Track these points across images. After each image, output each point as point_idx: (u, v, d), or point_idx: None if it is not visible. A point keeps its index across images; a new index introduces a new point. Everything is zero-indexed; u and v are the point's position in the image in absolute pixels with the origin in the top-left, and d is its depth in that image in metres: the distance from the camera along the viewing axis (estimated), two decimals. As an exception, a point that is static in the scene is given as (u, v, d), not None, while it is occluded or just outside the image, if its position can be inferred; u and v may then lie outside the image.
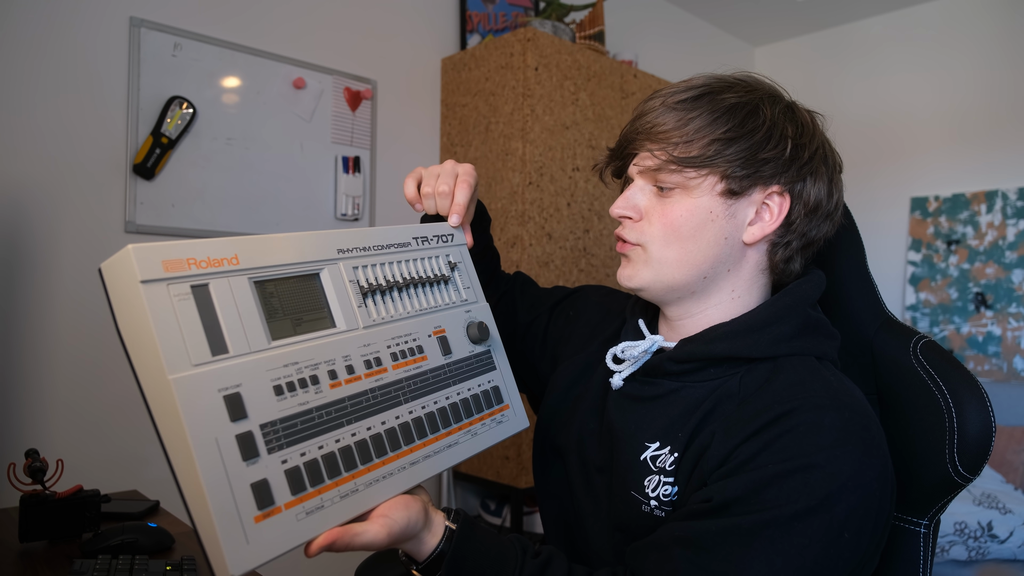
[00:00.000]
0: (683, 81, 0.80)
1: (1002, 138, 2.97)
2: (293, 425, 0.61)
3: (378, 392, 0.69)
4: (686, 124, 0.74)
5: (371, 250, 0.75)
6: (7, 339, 1.56)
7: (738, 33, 3.58)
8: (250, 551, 0.55)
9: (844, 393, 0.70)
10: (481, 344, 0.83)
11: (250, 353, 0.61)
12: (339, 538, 0.60)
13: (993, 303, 2.94)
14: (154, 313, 0.56)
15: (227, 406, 0.57)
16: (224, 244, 0.62)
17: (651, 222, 0.77)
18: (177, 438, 0.56)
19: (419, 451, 0.71)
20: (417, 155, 2.34)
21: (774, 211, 0.76)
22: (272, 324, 0.64)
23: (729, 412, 0.73)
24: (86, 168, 1.67)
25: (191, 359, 0.57)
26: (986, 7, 3.04)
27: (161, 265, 0.57)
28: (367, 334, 0.71)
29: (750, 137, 0.74)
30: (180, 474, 0.57)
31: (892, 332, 0.86)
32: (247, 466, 0.57)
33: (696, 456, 0.72)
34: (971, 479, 0.76)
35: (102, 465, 1.66)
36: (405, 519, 0.65)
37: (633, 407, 0.81)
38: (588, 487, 0.85)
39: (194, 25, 1.84)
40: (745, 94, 0.76)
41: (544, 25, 2.22)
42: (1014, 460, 2.48)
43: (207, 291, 0.60)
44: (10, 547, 1.05)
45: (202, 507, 0.55)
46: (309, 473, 0.60)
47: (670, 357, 0.78)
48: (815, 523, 0.63)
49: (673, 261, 0.76)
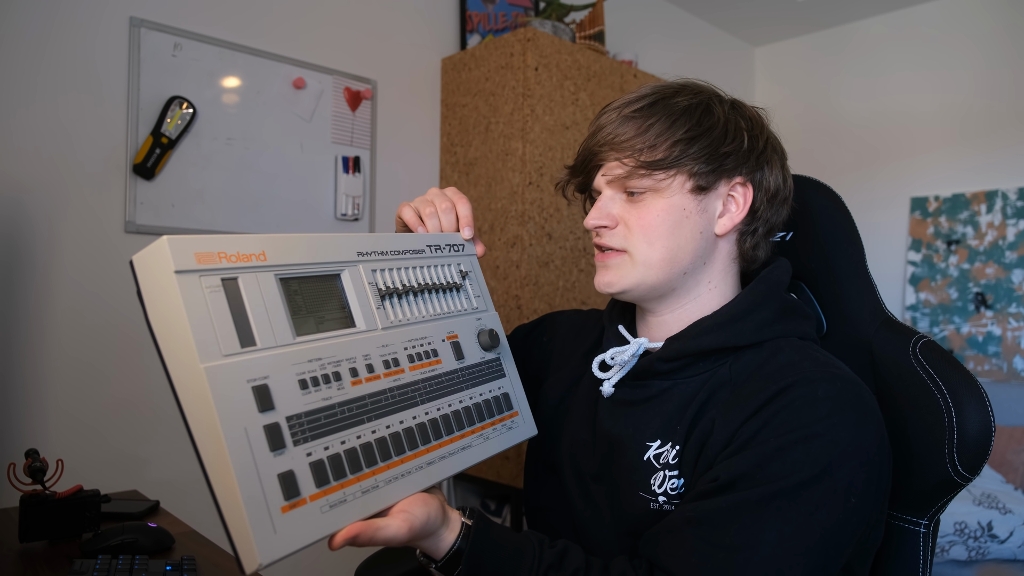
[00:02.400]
0: (630, 93, 0.83)
1: (1002, 138, 2.97)
2: (317, 419, 0.62)
3: (396, 392, 0.70)
4: (646, 130, 0.77)
5: (388, 254, 0.77)
6: (7, 339, 1.56)
7: (738, 33, 3.58)
8: (278, 540, 0.56)
9: (833, 366, 0.74)
10: (491, 351, 0.85)
11: (276, 347, 0.62)
12: (363, 531, 0.61)
13: (993, 303, 2.94)
14: (187, 302, 0.57)
15: (256, 397, 0.58)
16: (253, 240, 0.64)
17: (629, 227, 0.80)
18: (208, 427, 0.57)
19: (435, 452, 0.72)
20: (417, 155, 2.34)
21: (739, 201, 0.80)
22: (296, 320, 0.65)
23: (724, 398, 0.75)
24: (86, 168, 1.67)
25: (222, 349, 0.58)
26: (986, 7, 3.04)
27: (194, 257, 0.59)
28: (385, 335, 0.72)
29: (709, 134, 0.78)
30: (209, 464, 0.57)
31: (891, 332, 0.86)
32: (274, 456, 0.58)
33: (699, 444, 0.74)
34: (970, 479, 0.76)
35: (102, 465, 1.66)
36: (425, 515, 0.66)
37: (627, 411, 0.82)
38: (586, 498, 0.85)
39: (194, 25, 1.84)
40: (694, 96, 0.80)
41: (544, 25, 2.22)
42: (1014, 460, 2.48)
43: (236, 285, 0.62)
44: (10, 547, 1.05)
45: (232, 496, 0.56)
46: (332, 467, 0.61)
47: (660, 357, 0.80)
48: (820, 490, 0.65)
49: (658, 261, 0.79)
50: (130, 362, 1.72)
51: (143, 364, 1.74)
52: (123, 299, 1.71)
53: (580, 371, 0.94)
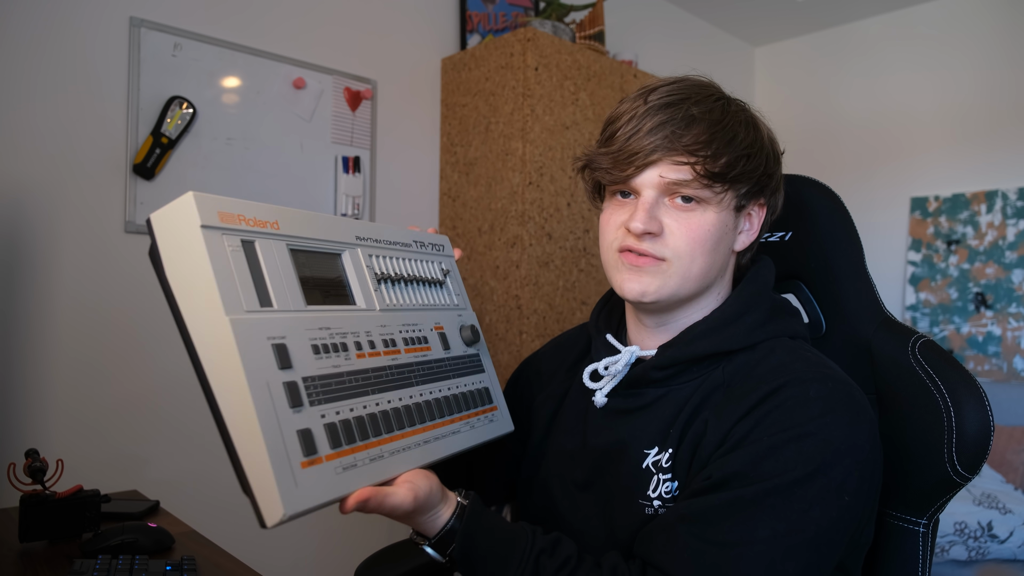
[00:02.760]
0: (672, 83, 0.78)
1: (1002, 138, 2.97)
2: (328, 384, 0.64)
3: (394, 371, 0.73)
4: (712, 139, 0.74)
5: (383, 243, 0.80)
6: (7, 339, 1.56)
7: (738, 33, 3.58)
8: (299, 494, 0.57)
9: (824, 366, 0.74)
10: (473, 346, 0.87)
11: (291, 311, 0.64)
12: (373, 496, 0.62)
13: (993, 303, 2.94)
14: (213, 256, 0.59)
15: (276, 354, 0.60)
16: (269, 209, 0.66)
17: (675, 236, 0.75)
18: (232, 380, 0.57)
19: (430, 431, 0.74)
20: (417, 155, 2.34)
21: (754, 221, 0.80)
22: (306, 290, 0.67)
23: (718, 400, 0.75)
24: (86, 168, 1.67)
25: (244, 305, 0.60)
26: (986, 7, 3.04)
27: (217, 215, 0.61)
28: (383, 316, 0.75)
29: (761, 153, 0.77)
30: (231, 418, 0.58)
31: (891, 332, 0.86)
32: (294, 413, 0.59)
33: (692, 446, 0.74)
34: (970, 478, 0.76)
35: (102, 465, 1.66)
36: (428, 488, 0.67)
37: (623, 420, 0.81)
38: (575, 509, 0.84)
39: (194, 25, 1.84)
40: (742, 108, 0.79)
41: (544, 25, 2.22)
42: (1014, 460, 2.48)
43: (254, 248, 0.63)
44: (10, 547, 1.05)
45: (256, 449, 0.56)
46: (344, 431, 0.63)
47: (654, 365, 0.79)
48: (814, 488, 0.65)
49: (696, 274, 0.77)
50: (130, 362, 1.72)
51: (143, 364, 1.74)
52: (123, 299, 1.71)
53: (566, 385, 0.94)
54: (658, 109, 0.75)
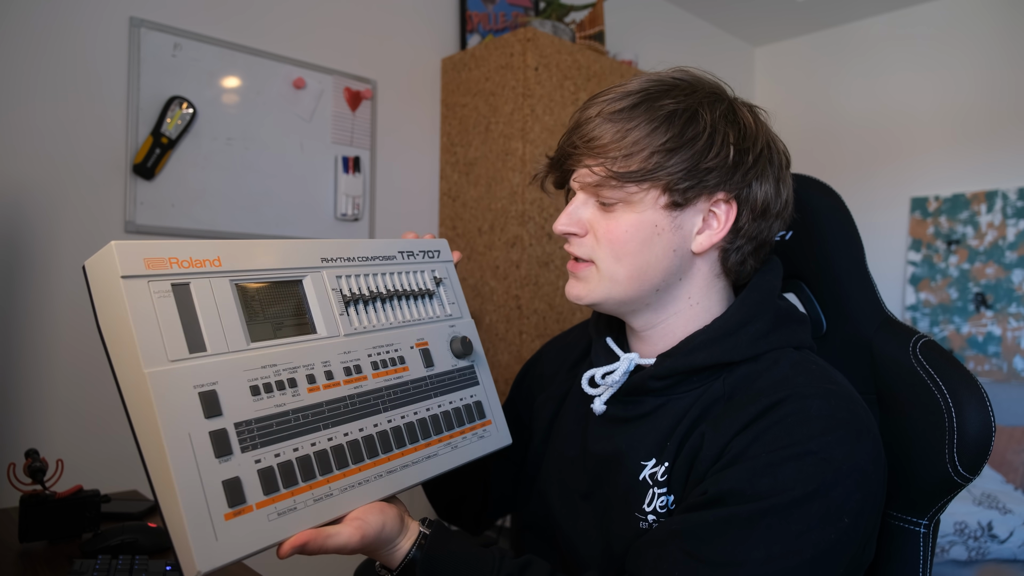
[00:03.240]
0: (620, 86, 0.76)
1: (1002, 138, 2.97)
2: (268, 426, 0.61)
3: (357, 399, 0.69)
4: (624, 136, 0.71)
5: (356, 261, 0.75)
6: (7, 339, 1.56)
7: (738, 33, 3.58)
8: (219, 548, 0.55)
9: (828, 380, 0.71)
10: (464, 359, 0.83)
11: (228, 353, 0.61)
12: (311, 540, 0.60)
13: (993, 303, 2.94)
14: (133, 308, 0.57)
15: (202, 403, 0.58)
16: (207, 246, 0.63)
17: (597, 238, 0.75)
18: (150, 432, 0.56)
19: (396, 460, 0.71)
20: (417, 155, 2.34)
21: (721, 218, 0.74)
22: (252, 326, 0.64)
23: (717, 412, 0.73)
24: (86, 168, 1.67)
25: (168, 355, 0.58)
26: (986, 7, 3.04)
27: (143, 262, 0.58)
28: (348, 342, 0.71)
29: (691, 146, 0.71)
30: (152, 470, 0.57)
31: (891, 332, 0.86)
32: (220, 463, 0.57)
33: (689, 460, 0.72)
34: (971, 479, 0.76)
35: (102, 465, 1.66)
36: (379, 524, 0.64)
37: (620, 428, 0.80)
38: (574, 517, 0.83)
39: (194, 25, 1.84)
40: (684, 98, 0.73)
41: (544, 25, 2.22)
42: (1014, 460, 2.48)
43: (188, 290, 0.61)
44: (10, 547, 1.05)
45: (172, 502, 0.55)
46: (283, 474, 0.61)
47: (653, 375, 0.76)
48: (813, 509, 0.62)
49: (624, 277, 0.75)
50: (130, 362, 1.72)
51: (143, 364, 1.74)
52: (123, 299, 1.71)
53: (567, 386, 0.92)
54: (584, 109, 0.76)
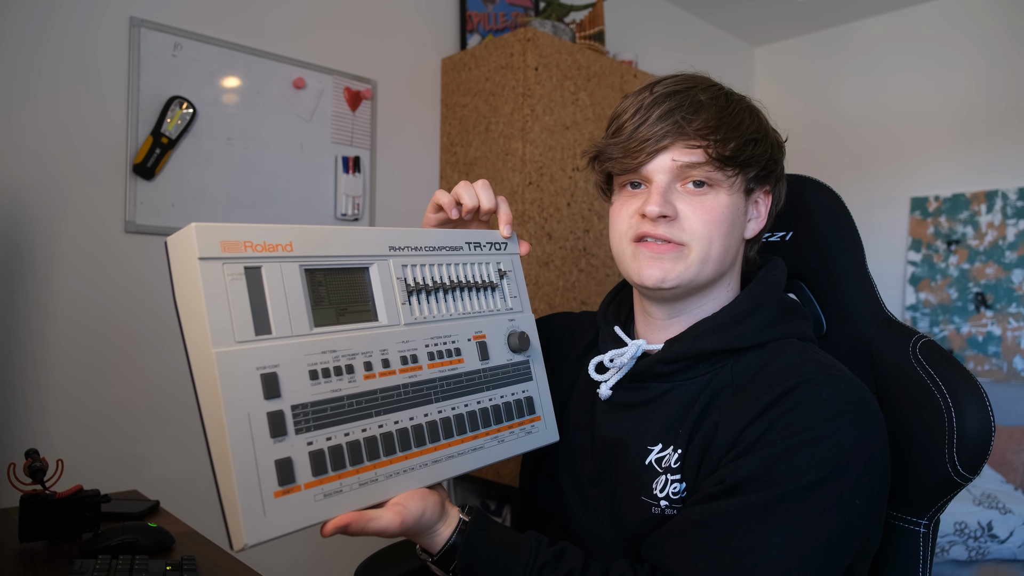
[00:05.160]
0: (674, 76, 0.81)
1: (1002, 138, 2.97)
2: (323, 410, 0.64)
3: (410, 388, 0.71)
4: (721, 124, 0.75)
5: (423, 250, 0.77)
6: (7, 339, 1.56)
7: (738, 33, 3.58)
8: (267, 524, 0.58)
9: (835, 367, 0.73)
10: (520, 354, 0.84)
11: (292, 337, 0.64)
12: (354, 521, 0.62)
13: (993, 303, 2.94)
14: (207, 289, 0.60)
15: (263, 384, 0.61)
16: (281, 231, 0.66)
17: (691, 220, 0.76)
18: (213, 408, 0.59)
19: (443, 450, 0.72)
20: (417, 155, 2.34)
21: (761, 209, 0.82)
22: (317, 311, 0.67)
23: (727, 400, 0.74)
24: (86, 168, 1.67)
25: (235, 336, 0.60)
26: (986, 7, 3.04)
27: (220, 245, 0.61)
28: (407, 331, 0.73)
29: (767, 139, 0.79)
30: (212, 443, 0.60)
31: (891, 332, 0.86)
32: (274, 443, 0.60)
33: (702, 448, 0.73)
34: (970, 479, 0.76)
35: (102, 465, 1.66)
36: (420, 510, 0.66)
37: (626, 414, 0.81)
38: (584, 503, 0.84)
39: (194, 25, 1.84)
40: (742, 98, 0.81)
41: (544, 25, 2.22)
42: (1014, 460, 2.48)
43: (259, 274, 0.64)
44: (10, 547, 1.05)
45: (227, 476, 0.58)
46: (332, 457, 0.63)
47: (660, 359, 0.78)
48: (827, 492, 0.65)
49: (716, 258, 0.77)
50: (130, 362, 1.72)
51: (143, 364, 1.74)
52: (123, 299, 1.71)
53: (574, 374, 0.93)
54: (665, 98, 0.76)
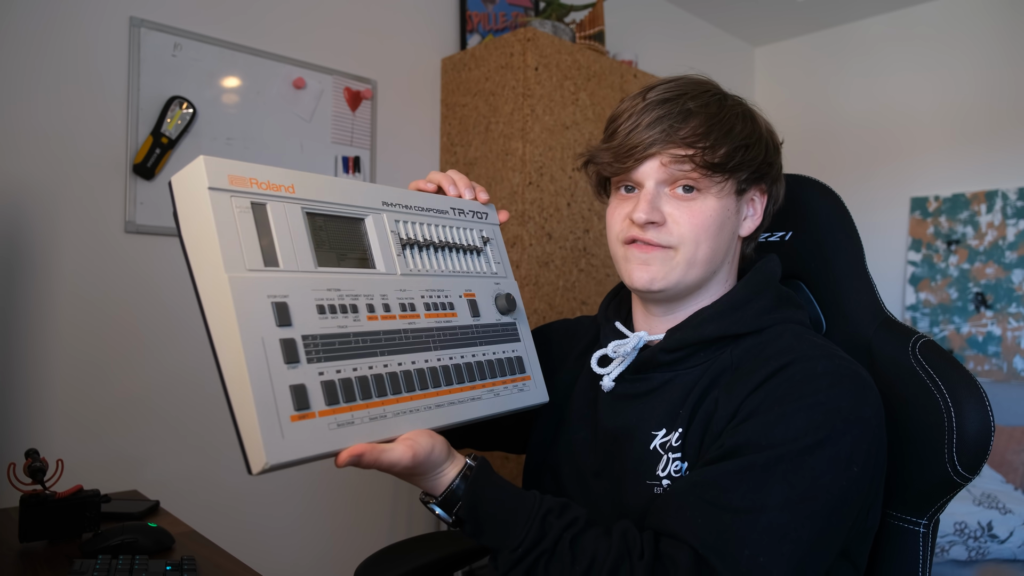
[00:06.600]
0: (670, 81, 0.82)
1: (1002, 138, 2.97)
2: (332, 343, 0.66)
3: (410, 334, 0.73)
4: (709, 130, 0.77)
5: (412, 209, 0.80)
6: (7, 339, 1.56)
7: (738, 33, 3.58)
8: (285, 445, 0.59)
9: (831, 347, 0.76)
10: (508, 315, 0.87)
11: (298, 271, 0.66)
12: (367, 452, 0.63)
13: (993, 303, 2.94)
14: (217, 216, 0.61)
15: (275, 311, 0.62)
16: (284, 174, 0.68)
17: (679, 224, 0.78)
18: (228, 334, 0.60)
19: (444, 396, 0.74)
20: (417, 155, 2.34)
21: (757, 207, 0.84)
22: (319, 252, 0.69)
23: (727, 380, 0.77)
24: (86, 168, 1.67)
25: (246, 264, 0.62)
26: (986, 7, 3.04)
27: (227, 178, 0.63)
28: (404, 280, 0.75)
29: (759, 143, 0.80)
30: (226, 371, 0.61)
31: (891, 332, 0.86)
32: (288, 369, 0.61)
33: (703, 424, 0.76)
34: (970, 479, 0.76)
35: (102, 465, 1.66)
36: (430, 445, 0.68)
37: (629, 405, 0.83)
38: (586, 496, 0.85)
39: (194, 25, 1.84)
40: (739, 102, 0.83)
41: (544, 25, 2.22)
42: (1014, 460, 2.48)
43: (265, 210, 0.66)
44: (10, 547, 1.05)
45: (246, 399, 0.59)
46: (343, 389, 0.65)
47: (662, 348, 0.81)
48: (824, 456, 0.66)
49: (703, 261, 0.79)
50: (130, 362, 1.72)
51: (143, 364, 1.74)
52: (123, 299, 1.71)
53: (575, 373, 0.95)
54: (656, 105, 0.79)
